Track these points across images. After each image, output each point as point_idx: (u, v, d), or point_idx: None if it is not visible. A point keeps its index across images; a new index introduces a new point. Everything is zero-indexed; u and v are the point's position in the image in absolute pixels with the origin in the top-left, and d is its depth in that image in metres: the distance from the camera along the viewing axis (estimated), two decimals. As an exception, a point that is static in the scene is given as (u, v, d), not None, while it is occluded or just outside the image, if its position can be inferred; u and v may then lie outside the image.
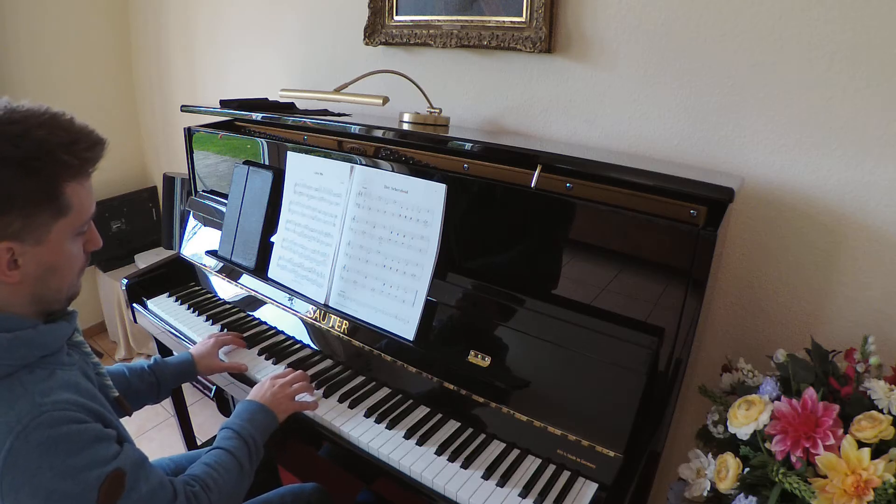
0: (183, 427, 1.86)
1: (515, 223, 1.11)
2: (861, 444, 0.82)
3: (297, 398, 1.10)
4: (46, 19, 2.36)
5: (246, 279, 1.49)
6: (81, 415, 0.71)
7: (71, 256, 0.78)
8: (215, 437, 0.99)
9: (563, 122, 1.46)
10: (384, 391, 1.19)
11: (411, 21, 1.62)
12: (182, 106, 1.78)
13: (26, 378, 0.71)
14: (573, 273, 1.06)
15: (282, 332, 1.40)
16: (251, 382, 1.24)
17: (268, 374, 1.25)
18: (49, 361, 0.75)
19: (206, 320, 1.47)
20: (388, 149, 1.36)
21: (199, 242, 1.68)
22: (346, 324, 1.26)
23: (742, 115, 1.20)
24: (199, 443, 1.98)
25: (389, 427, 1.08)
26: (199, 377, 1.28)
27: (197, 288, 1.65)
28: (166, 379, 1.19)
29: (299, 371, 1.17)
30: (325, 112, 1.71)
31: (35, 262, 0.73)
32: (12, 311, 0.75)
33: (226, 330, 1.41)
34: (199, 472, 0.88)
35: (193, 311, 1.52)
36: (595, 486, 0.96)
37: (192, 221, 1.75)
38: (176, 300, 1.58)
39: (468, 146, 1.17)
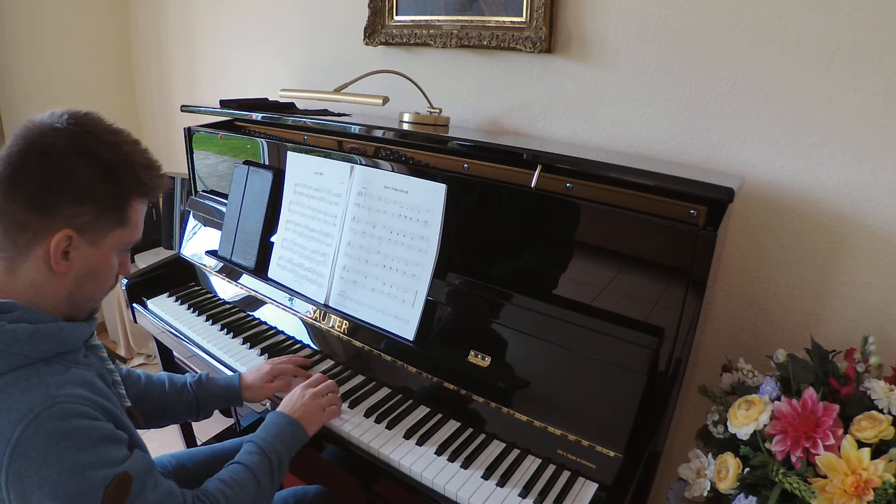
0: (183, 427, 1.86)
1: (515, 223, 1.11)
2: (861, 444, 0.82)
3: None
4: (46, 19, 2.36)
5: (246, 279, 1.49)
6: (94, 411, 0.72)
7: (111, 269, 0.82)
8: (215, 436, 0.99)
9: (563, 122, 1.46)
10: (384, 391, 1.19)
11: (411, 21, 1.62)
12: (182, 106, 1.78)
13: (43, 370, 0.72)
14: (573, 273, 1.06)
15: (282, 332, 1.40)
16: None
17: (268, 374, 1.25)
18: (66, 359, 0.76)
19: (206, 320, 1.47)
20: (388, 149, 1.35)
21: (199, 242, 1.68)
22: (346, 324, 1.26)
23: (742, 115, 1.20)
24: (199, 442, 1.98)
25: (389, 427, 1.08)
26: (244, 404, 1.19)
27: (197, 288, 1.65)
28: (207, 401, 1.13)
29: (330, 381, 1.13)
30: (325, 112, 1.71)
31: (83, 261, 0.77)
32: (41, 306, 0.76)
33: (227, 330, 1.41)
34: (211, 487, 0.87)
35: (193, 311, 1.52)
36: (595, 486, 0.96)
37: (192, 221, 1.75)
38: (176, 300, 1.58)
39: (468, 146, 1.17)
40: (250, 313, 1.49)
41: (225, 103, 1.65)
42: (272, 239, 1.44)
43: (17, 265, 0.75)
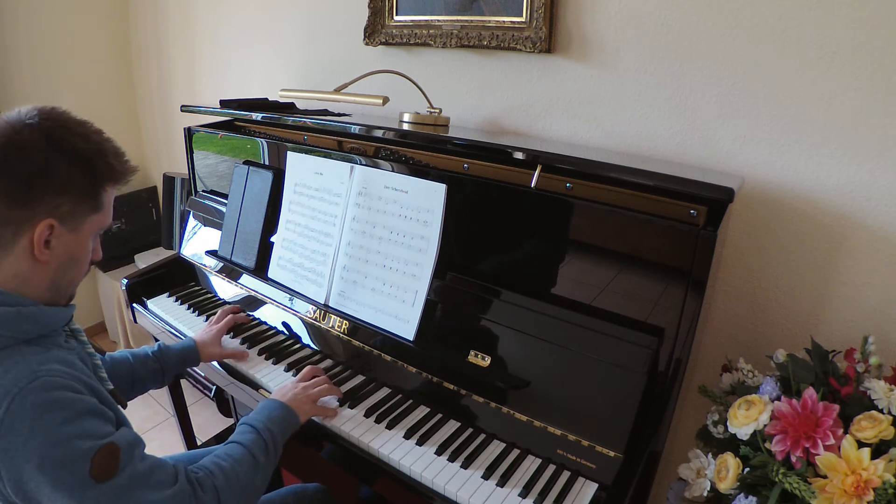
0: (183, 427, 1.86)
1: (515, 223, 1.11)
2: (861, 444, 0.82)
3: (320, 402, 1.10)
4: (46, 19, 2.36)
5: (246, 279, 1.49)
6: (76, 385, 0.73)
7: (88, 254, 0.85)
8: (215, 436, 0.99)
9: (563, 122, 1.46)
10: (384, 391, 1.19)
11: (411, 21, 1.62)
12: (182, 106, 1.78)
13: (25, 350, 0.74)
14: (573, 273, 1.06)
15: (282, 332, 1.40)
16: (252, 382, 1.24)
17: (268, 373, 1.25)
18: (47, 342, 0.78)
19: (206, 320, 1.47)
20: (388, 149, 1.36)
21: (199, 242, 1.68)
22: (346, 324, 1.27)
23: (742, 115, 1.20)
24: (199, 443, 1.98)
25: (389, 427, 1.08)
26: (202, 363, 1.29)
27: (197, 288, 1.65)
28: (170, 366, 1.21)
29: (323, 377, 1.16)
30: (325, 112, 1.71)
31: (64, 248, 0.80)
32: (24, 294, 0.78)
33: (227, 330, 1.41)
34: (205, 462, 0.88)
35: (193, 311, 1.52)
36: (595, 486, 0.96)
37: (192, 221, 1.75)
38: (176, 300, 1.58)
39: (468, 146, 1.17)
40: (250, 313, 1.49)
41: (225, 103, 1.65)
42: (272, 239, 1.44)
43: (1, 258, 0.76)
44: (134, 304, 1.60)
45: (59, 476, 0.68)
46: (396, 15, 1.65)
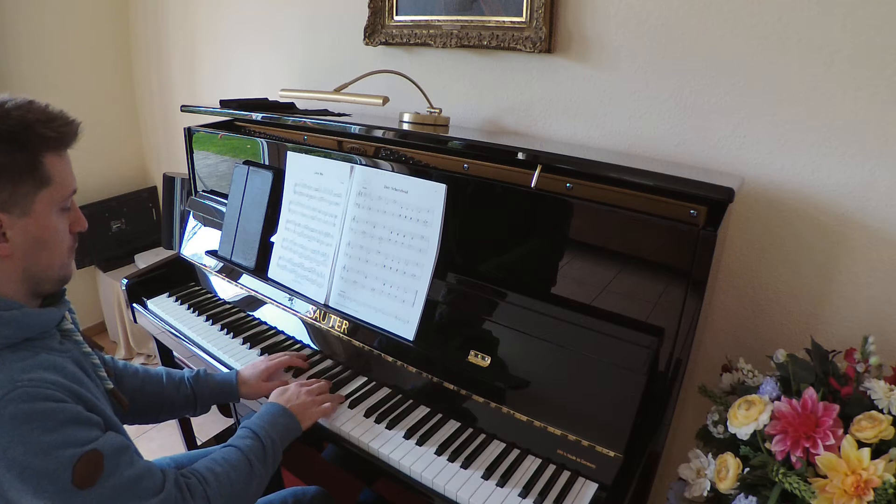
0: (183, 427, 1.86)
1: (515, 223, 1.11)
2: (861, 444, 0.82)
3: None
4: (46, 19, 2.36)
5: (246, 279, 1.49)
6: (59, 394, 0.72)
7: (57, 231, 0.81)
8: (215, 436, 0.98)
9: (563, 122, 1.46)
10: (384, 391, 1.19)
11: (411, 21, 1.63)
12: (182, 106, 1.78)
13: (7, 356, 0.72)
14: (573, 273, 1.06)
15: (282, 332, 1.40)
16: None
17: (268, 374, 1.25)
18: (35, 345, 0.76)
19: (206, 320, 1.47)
20: (388, 149, 1.36)
21: (199, 242, 1.68)
22: (346, 324, 1.27)
23: (742, 115, 1.20)
24: (199, 443, 1.98)
25: (389, 427, 1.08)
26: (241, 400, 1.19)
27: (197, 288, 1.65)
28: (204, 397, 1.14)
29: (325, 381, 1.15)
30: (325, 112, 1.71)
31: (23, 234, 0.76)
32: (2, 292, 0.76)
33: (226, 330, 1.41)
34: (199, 466, 0.87)
35: (193, 311, 1.52)
36: (595, 486, 0.96)
37: (192, 221, 1.75)
38: (176, 300, 1.58)
39: (468, 146, 1.17)
40: (250, 313, 1.49)
41: (225, 103, 1.65)
42: (272, 239, 1.44)
43: None
44: (134, 304, 1.60)
45: (41, 485, 0.67)
46: (396, 15, 1.65)
